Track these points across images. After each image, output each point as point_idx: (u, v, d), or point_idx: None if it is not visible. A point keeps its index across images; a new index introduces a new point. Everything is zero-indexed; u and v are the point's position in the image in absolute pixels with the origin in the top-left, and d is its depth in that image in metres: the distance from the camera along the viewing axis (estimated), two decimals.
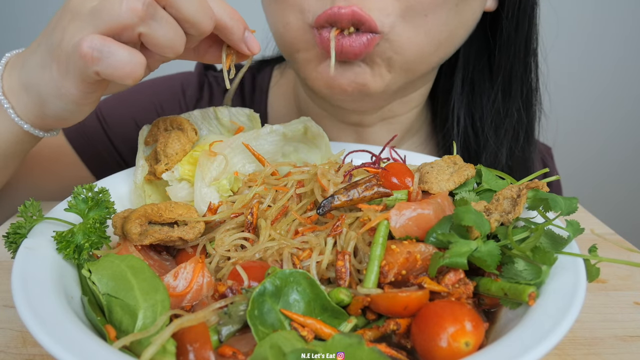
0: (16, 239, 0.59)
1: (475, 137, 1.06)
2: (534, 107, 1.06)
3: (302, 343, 0.47)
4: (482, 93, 1.04)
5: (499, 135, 1.04)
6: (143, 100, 1.16)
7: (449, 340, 0.46)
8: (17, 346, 0.59)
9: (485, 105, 1.04)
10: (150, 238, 0.61)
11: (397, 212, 0.57)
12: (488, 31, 0.99)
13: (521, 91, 1.03)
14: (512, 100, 1.03)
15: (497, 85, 1.02)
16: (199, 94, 1.18)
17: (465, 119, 1.05)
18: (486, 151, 1.05)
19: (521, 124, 1.05)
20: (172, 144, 0.74)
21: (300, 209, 0.66)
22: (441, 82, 1.07)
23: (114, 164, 1.12)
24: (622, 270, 0.79)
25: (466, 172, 0.69)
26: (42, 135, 0.73)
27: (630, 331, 0.65)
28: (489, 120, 1.04)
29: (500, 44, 0.99)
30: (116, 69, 0.57)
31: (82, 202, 0.61)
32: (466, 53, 1.03)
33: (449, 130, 1.07)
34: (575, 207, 0.60)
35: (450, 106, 1.06)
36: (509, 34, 0.97)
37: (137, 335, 0.46)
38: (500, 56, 1.00)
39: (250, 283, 0.54)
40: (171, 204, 0.66)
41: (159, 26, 0.58)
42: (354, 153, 0.84)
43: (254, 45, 0.69)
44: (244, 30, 0.67)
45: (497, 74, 1.01)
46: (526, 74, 1.02)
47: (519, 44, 0.99)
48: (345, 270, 0.55)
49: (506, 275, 0.53)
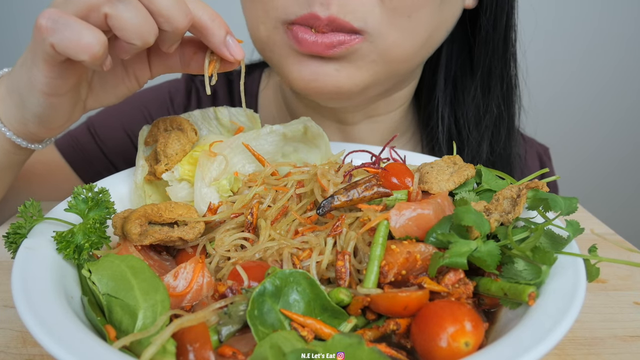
0: (16, 239, 0.59)
1: (458, 133, 1.07)
2: (513, 103, 1.08)
3: (302, 343, 0.47)
4: (464, 89, 1.05)
5: (479, 131, 1.05)
6: (132, 111, 1.17)
7: (449, 340, 0.46)
8: (17, 346, 0.59)
9: (467, 102, 1.05)
10: (150, 238, 0.61)
11: (397, 212, 0.57)
12: (468, 28, 1.00)
13: (500, 87, 1.04)
14: (492, 96, 1.04)
15: (477, 81, 1.03)
16: (187, 101, 1.19)
17: (448, 116, 1.06)
18: (469, 147, 1.06)
19: (501, 119, 1.06)
20: (172, 144, 0.74)
21: (300, 209, 0.66)
22: (425, 80, 1.08)
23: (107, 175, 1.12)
24: (622, 270, 0.79)
25: (466, 172, 0.69)
26: (24, 144, 0.72)
27: (630, 331, 0.65)
28: (469, 116, 1.05)
29: (479, 41, 1.00)
30: (70, 41, 0.55)
31: (82, 202, 0.61)
32: (448, 51, 1.04)
33: (434, 127, 1.07)
34: (575, 207, 0.60)
35: (434, 104, 1.06)
36: (487, 31, 0.98)
37: (137, 335, 0.46)
38: (479, 52, 1.01)
39: (250, 283, 0.54)
40: (171, 204, 0.66)
41: (126, 9, 0.56)
42: (354, 153, 0.84)
43: (236, 50, 0.66)
44: (225, 33, 0.64)
45: (477, 70, 1.02)
46: (505, 70, 1.03)
47: (497, 41, 0.99)
48: (345, 270, 0.55)
49: (506, 275, 0.53)
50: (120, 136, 1.16)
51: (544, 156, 1.30)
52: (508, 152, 1.08)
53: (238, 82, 1.19)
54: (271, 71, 1.20)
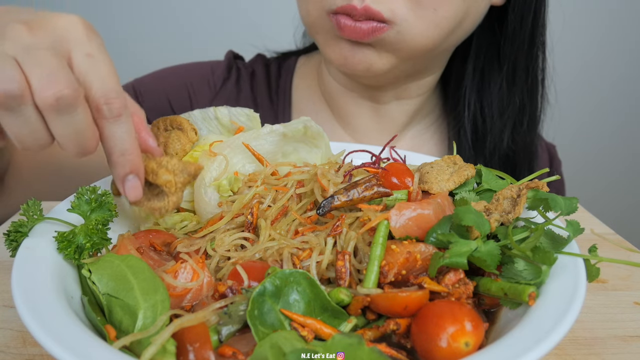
0: (17, 237, 0.59)
1: (482, 121, 1.16)
2: (537, 97, 1.17)
3: (302, 343, 0.47)
4: (491, 80, 1.14)
5: (502, 120, 1.15)
6: (176, 81, 1.26)
7: (449, 341, 0.46)
8: (17, 346, 0.59)
9: (492, 92, 1.14)
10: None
11: (397, 212, 0.57)
12: (495, 23, 1.09)
13: (525, 81, 1.13)
14: (516, 89, 1.13)
15: (503, 73, 1.12)
16: (227, 74, 1.28)
17: (475, 104, 1.16)
18: (491, 134, 1.15)
19: (524, 112, 1.16)
20: (172, 144, 0.74)
21: (300, 209, 0.66)
22: (454, 69, 1.18)
23: None
24: (622, 270, 0.79)
25: (466, 172, 0.69)
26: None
27: (630, 331, 0.65)
28: (494, 106, 1.15)
29: (505, 36, 1.09)
30: None
31: (85, 203, 0.61)
32: (478, 43, 1.13)
33: (460, 113, 1.17)
34: (575, 207, 0.60)
35: (462, 91, 1.16)
36: (514, 27, 1.07)
37: (137, 335, 0.46)
38: (506, 47, 1.10)
39: (250, 283, 0.54)
40: (162, 163, 0.62)
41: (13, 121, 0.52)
42: (354, 153, 0.84)
43: (131, 192, 0.60)
44: (127, 172, 0.59)
45: (503, 63, 1.12)
46: (531, 65, 1.13)
47: (524, 37, 1.09)
48: (345, 270, 0.55)
49: (506, 275, 0.53)
50: (162, 103, 1.23)
51: (553, 153, 1.37)
52: (529, 142, 1.18)
53: (273, 64, 1.32)
54: (308, 57, 1.34)
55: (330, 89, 1.22)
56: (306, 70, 1.30)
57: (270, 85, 1.29)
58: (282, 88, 1.28)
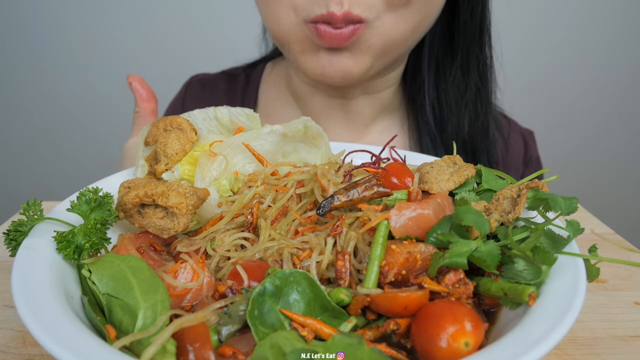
0: (17, 236, 0.59)
1: (440, 109, 1.21)
2: (489, 82, 1.23)
3: (302, 343, 0.47)
4: (445, 70, 1.19)
5: (460, 106, 1.20)
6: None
7: (449, 341, 0.46)
8: (17, 346, 0.59)
9: (448, 80, 1.19)
10: (137, 222, 0.64)
11: (397, 212, 0.57)
12: (448, 15, 1.14)
13: (477, 68, 1.19)
14: (470, 76, 1.19)
15: (457, 62, 1.18)
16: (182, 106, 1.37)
17: (433, 93, 1.21)
18: (451, 122, 1.20)
19: (479, 97, 1.21)
20: (172, 144, 0.74)
21: (300, 209, 0.66)
22: (410, 62, 1.22)
23: None
24: (622, 270, 0.79)
25: (466, 172, 0.69)
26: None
27: (630, 331, 0.65)
28: (451, 93, 1.19)
29: (458, 27, 1.14)
30: None
31: (85, 203, 0.61)
32: (431, 35, 1.16)
33: (421, 103, 1.22)
34: (575, 207, 0.60)
35: (420, 82, 1.21)
36: (465, 19, 1.13)
37: (137, 335, 0.46)
38: (459, 37, 1.15)
39: (250, 283, 0.54)
40: (169, 189, 0.65)
41: None
42: (354, 153, 0.84)
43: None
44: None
45: (457, 53, 1.17)
46: (482, 52, 1.18)
47: (474, 27, 1.14)
48: (345, 270, 0.55)
49: (506, 275, 0.53)
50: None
51: (529, 139, 1.39)
52: (486, 126, 1.23)
53: (241, 75, 1.37)
54: (275, 63, 1.37)
55: (299, 91, 1.24)
56: (273, 76, 1.34)
57: (235, 97, 1.35)
58: (247, 96, 1.33)
